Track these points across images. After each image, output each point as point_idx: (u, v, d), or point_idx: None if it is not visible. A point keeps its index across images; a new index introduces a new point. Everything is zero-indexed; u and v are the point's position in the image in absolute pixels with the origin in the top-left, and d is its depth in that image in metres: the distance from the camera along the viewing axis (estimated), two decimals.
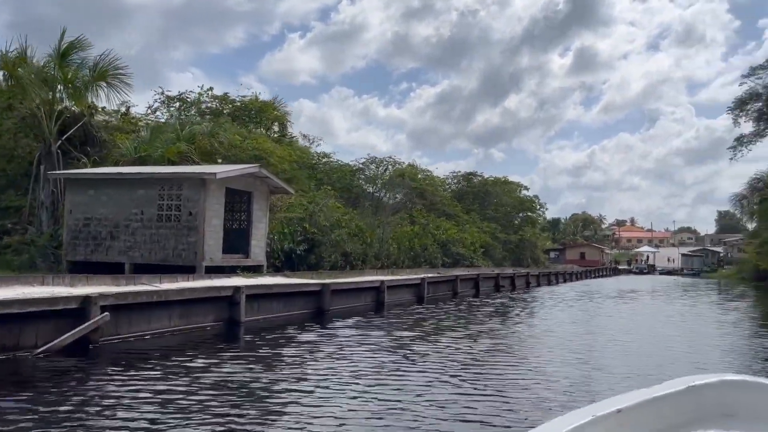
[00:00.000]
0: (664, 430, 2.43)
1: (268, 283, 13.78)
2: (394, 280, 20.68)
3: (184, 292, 10.55)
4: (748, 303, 29.57)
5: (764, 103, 37.96)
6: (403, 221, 40.66)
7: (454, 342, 11.97)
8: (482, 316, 18.19)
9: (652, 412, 2.44)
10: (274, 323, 13.07)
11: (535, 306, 23.67)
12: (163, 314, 10.13)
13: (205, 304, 11.11)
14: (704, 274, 79.42)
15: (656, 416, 2.44)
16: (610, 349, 12.18)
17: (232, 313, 11.67)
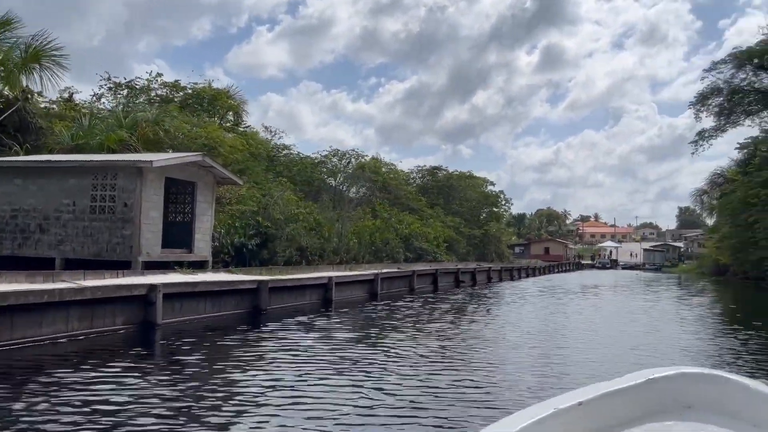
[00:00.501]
0: (625, 421, 2.46)
1: (194, 281, 12.50)
2: (343, 276, 19.51)
3: (85, 292, 9.22)
4: (709, 298, 29.37)
5: (725, 98, 38.02)
6: (365, 215, 39.61)
7: (398, 343, 10.90)
8: (437, 313, 17.14)
9: (613, 404, 2.47)
10: (199, 325, 11.78)
11: (495, 302, 22.72)
12: (59, 317, 8.84)
13: (114, 305, 9.83)
14: (665, 268, 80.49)
15: (617, 408, 2.47)
16: (568, 351, 11.34)
17: (147, 315, 10.38)
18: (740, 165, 45.77)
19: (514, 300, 23.91)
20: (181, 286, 11.48)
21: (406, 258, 38.61)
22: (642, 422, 2.49)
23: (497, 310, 19.76)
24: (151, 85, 31.09)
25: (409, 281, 24.56)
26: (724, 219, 43.07)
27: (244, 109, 34.40)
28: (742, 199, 37.22)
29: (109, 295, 9.71)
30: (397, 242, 37.44)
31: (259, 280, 13.89)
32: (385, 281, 21.75)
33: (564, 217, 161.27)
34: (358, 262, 31.04)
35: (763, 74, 36.91)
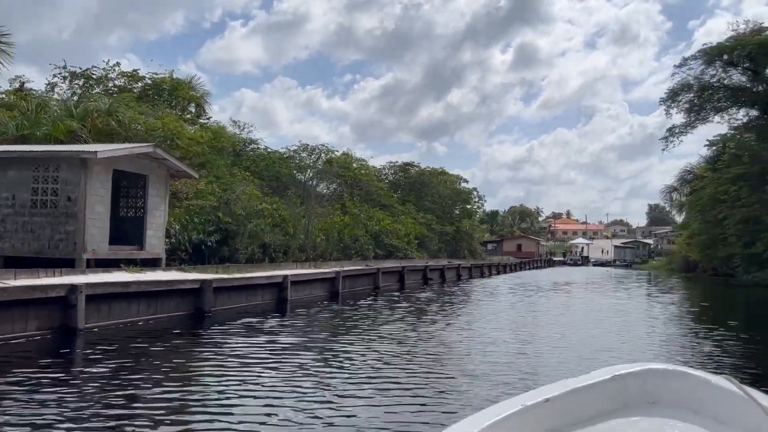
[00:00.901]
0: (591, 417, 2.48)
1: (128, 280, 11.42)
2: (301, 274, 18.48)
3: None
4: (680, 296, 29.12)
5: (695, 95, 37.94)
6: (335, 211, 38.68)
7: (348, 348, 10.01)
8: (398, 313, 16.23)
9: (580, 400, 2.49)
10: (130, 330, 10.69)
11: (462, 300, 21.84)
12: None
13: (28, 309, 8.78)
14: (636, 265, 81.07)
15: (583, 404, 2.49)
16: (535, 352, 10.64)
17: (67, 319, 9.32)
18: (709, 162, 45.97)
19: (482, 298, 23.16)
20: (109, 286, 10.41)
21: (376, 255, 37.78)
22: (608, 418, 2.51)
23: (463, 309, 18.89)
24: (108, 75, 29.71)
25: (373, 279, 23.63)
26: (694, 216, 43.15)
27: (206, 101, 33.18)
28: (711, 195, 37.21)
29: (21, 296, 8.65)
30: (366, 239, 36.60)
31: (202, 280, 12.83)
32: (347, 279, 20.79)
33: (536, 215, 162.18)
34: (325, 260, 30.12)
35: (732, 71, 36.96)
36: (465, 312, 17.69)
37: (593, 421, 2.47)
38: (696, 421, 2.45)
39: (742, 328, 16.49)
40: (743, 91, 37.32)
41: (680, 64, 38.19)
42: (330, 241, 32.27)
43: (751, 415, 2.21)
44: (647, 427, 2.47)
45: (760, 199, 31.58)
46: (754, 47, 32.37)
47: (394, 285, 25.45)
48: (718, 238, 36.87)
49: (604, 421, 2.49)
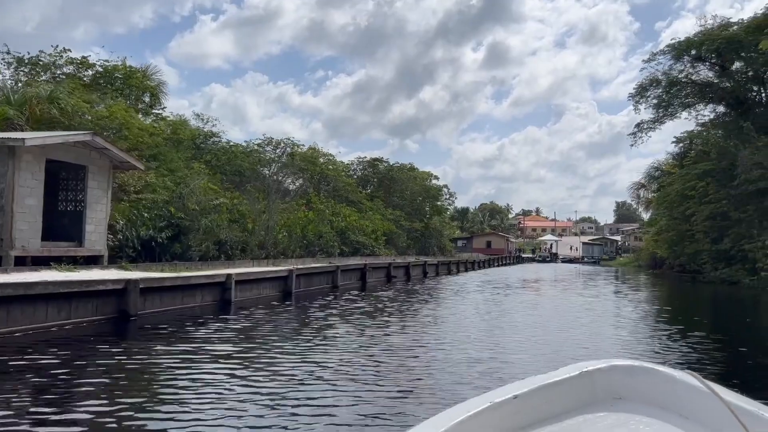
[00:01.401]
0: (559, 413, 2.52)
1: (38, 281, 10.09)
2: (248, 273, 17.18)
3: None
4: (649, 293, 28.67)
5: (663, 90, 37.71)
6: (300, 207, 37.49)
7: (280, 358, 8.83)
8: (352, 314, 15.02)
9: (548, 396, 2.52)
10: (36, 337, 9.31)
11: (424, 300, 20.65)
12: None
13: None
14: (603, 262, 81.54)
15: (551, 401, 2.52)
16: (497, 358, 9.74)
17: None
18: (677, 158, 45.98)
19: (447, 296, 22.15)
20: (6, 288, 9.09)
21: (342, 252, 36.73)
22: (576, 414, 2.54)
23: (424, 309, 17.61)
24: (56, 62, 27.99)
25: (332, 277, 22.43)
26: (662, 212, 43.02)
27: (162, 91, 31.65)
28: (679, 191, 37.00)
29: None
30: (331, 235, 35.50)
31: (127, 279, 11.55)
32: (301, 278, 19.59)
33: (506, 212, 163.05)
34: (287, 257, 28.98)
35: (700, 66, 36.82)
36: (425, 313, 16.44)
37: (561, 417, 2.51)
38: (661, 416, 2.49)
39: (709, 325, 15.99)
40: (710, 87, 37.24)
41: (649, 59, 37.99)
42: (293, 238, 31.12)
43: (714, 409, 2.23)
44: (613, 422, 2.50)
45: (727, 195, 31.39)
46: (723, 42, 32.16)
47: (355, 283, 24.29)
48: (686, 235, 36.71)
49: (571, 417, 2.52)
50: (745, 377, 8.56)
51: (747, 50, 32.55)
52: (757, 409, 2.22)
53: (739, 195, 30.46)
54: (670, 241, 40.73)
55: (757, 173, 28.61)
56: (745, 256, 29.39)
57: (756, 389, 6.97)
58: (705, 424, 2.36)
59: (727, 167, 31.96)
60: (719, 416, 2.19)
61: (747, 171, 29.13)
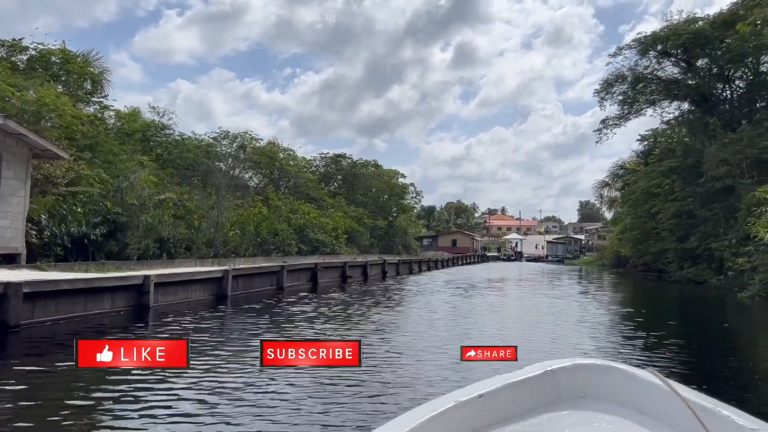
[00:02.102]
0: (524, 412, 2.54)
1: None
2: (171, 274, 15.29)
3: None
4: (615, 294, 27.85)
5: (629, 86, 37.12)
6: (256, 203, 35.78)
7: (192, 377, 7.37)
8: (291, 322, 13.40)
9: (512, 395, 2.54)
10: None
11: (377, 303, 18.73)
12: None
13: None
14: (567, 260, 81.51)
15: (516, 399, 2.55)
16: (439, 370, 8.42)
17: None
18: (641, 156, 45.64)
19: (405, 298, 20.65)
20: None
21: (300, 251, 35.15)
22: (540, 412, 2.57)
23: (375, 314, 15.48)
24: None
25: (277, 278, 20.55)
26: (627, 210, 42.51)
27: (106, 78, 29.60)
28: (644, 189, 36.43)
29: None
30: (288, 233, 33.90)
31: (7, 283, 9.76)
32: (240, 279, 17.78)
33: (472, 211, 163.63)
34: (238, 256, 27.31)
35: (666, 62, 36.31)
36: (375, 318, 14.59)
37: (526, 415, 2.52)
38: (622, 413, 2.51)
39: (678, 328, 15.05)
40: (675, 84, 36.78)
41: (614, 54, 37.29)
42: (246, 236, 29.45)
43: (673, 406, 2.27)
44: (577, 420, 2.51)
45: (693, 193, 30.85)
46: (689, 37, 31.61)
47: (304, 285, 22.54)
48: (651, 233, 36.15)
49: (536, 415, 2.54)
50: (711, 378, 8.20)
51: (713, 46, 32.11)
52: (714, 406, 2.26)
53: (705, 193, 29.93)
54: (635, 240, 40.20)
55: (723, 170, 28.06)
56: (711, 255, 28.82)
57: (724, 391, 6.08)
58: (665, 421, 2.39)
59: (692, 164, 31.44)
60: (678, 413, 2.24)
61: (713, 168, 28.57)
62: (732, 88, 35.00)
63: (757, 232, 19.71)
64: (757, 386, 8.30)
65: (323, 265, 24.80)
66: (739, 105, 33.95)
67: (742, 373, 9.30)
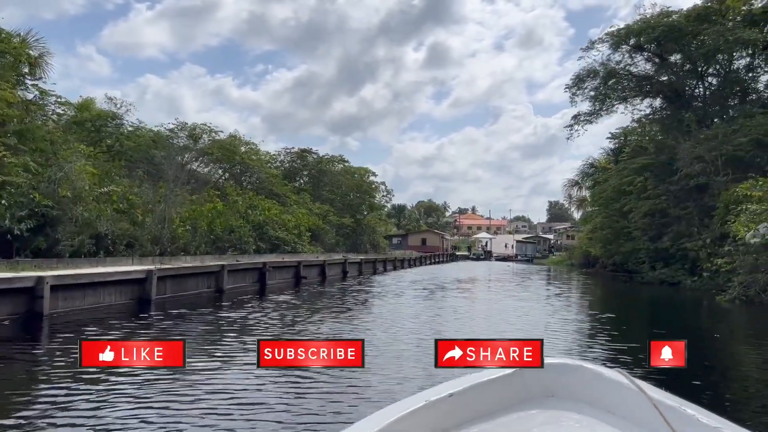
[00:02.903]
0: (493, 411, 2.56)
1: None
2: (73, 275, 13.19)
3: None
4: (587, 297, 26.68)
5: (601, 81, 36.11)
6: (212, 198, 33.83)
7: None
8: (217, 333, 11.51)
9: (482, 394, 2.55)
10: None
11: (330, 308, 16.81)
12: None
13: None
14: (536, 260, 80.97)
15: (486, 399, 2.56)
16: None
17: None
18: (612, 154, 44.91)
19: (362, 302, 18.86)
20: None
21: (259, 249, 33.33)
22: (509, 411, 2.58)
23: (326, 322, 13.70)
24: None
25: (216, 280, 18.35)
26: (598, 209, 41.58)
27: (46, 61, 27.33)
28: (616, 187, 35.46)
29: None
30: (246, 230, 32.04)
31: None
32: (168, 281, 15.67)
33: (443, 210, 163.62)
34: (188, 254, 25.42)
35: (638, 57, 35.42)
36: (325, 328, 12.85)
37: (495, 414, 2.54)
38: (590, 413, 2.55)
39: (656, 333, 13.76)
40: (648, 80, 35.92)
41: (587, 48, 36.18)
42: (198, 233, 27.54)
43: (640, 405, 2.32)
44: (545, 419, 2.55)
45: (666, 191, 29.89)
46: (663, 30, 30.65)
47: (250, 287, 20.56)
48: (622, 233, 35.19)
49: (505, 414, 2.55)
50: (699, 390, 7.42)
51: (687, 41, 31.24)
52: (679, 404, 2.29)
53: (678, 191, 28.98)
54: (605, 240, 39.30)
55: (698, 167, 27.10)
56: (685, 255, 27.84)
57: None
58: (632, 420, 2.40)
59: (665, 162, 30.51)
60: (645, 412, 2.27)
61: (687, 165, 27.60)
62: (705, 85, 34.25)
63: (737, 232, 18.65)
64: (749, 400, 7.44)
65: (273, 264, 22.76)
66: (712, 102, 33.20)
67: (732, 382, 8.38)
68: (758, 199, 18.68)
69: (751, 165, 25.36)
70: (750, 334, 14.69)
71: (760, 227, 17.15)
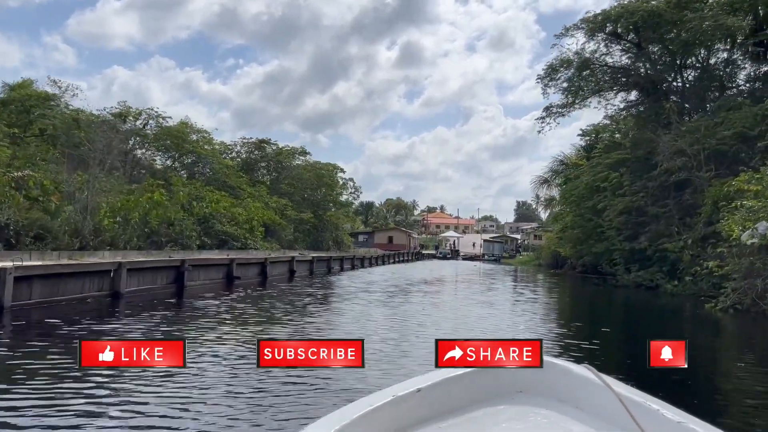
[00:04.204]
0: (462, 406, 2.54)
1: None
2: None
3: None
4: (560, 302, 24.49)
5: (575, 71, 34.02)
6: (151, 187, 30.70)
7: None
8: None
9: (451, 390, 2.53)
10: None
11: (259, 318, 13.88)
12: None
13: None
14: (504, 260, 79.26)
15: (454, 394, 2.54)
16: None
17: None
18: (585, 151, 43.03)
19: (300, 309, 15.82)
20: None
21: (204, 245, 30.41)
22: (478, 407, 2.57)
23: (228, 342, 10.61)
24: None
25: (111, 282, 14.65)
26: (569, 208, 39.52)
27: None
28: (588, 184, 33.41)
29: None
30: (189, 224, 29.08)
31: None
32: (34, 283, 12.19)
33: (412, 208, 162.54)
34: (117, 248, 22.44)
35: (614, 46, 33.43)
36: (242, 351, 10.10)
37: (464, 410, 2.52)
38: (558, 408, 2.56)
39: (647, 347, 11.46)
40: (624, 72, 33.99)
41: (561, 34, 34.01)
42: (129, 225, 24.53)
43: (606, 401, 2.34)
44: (513, 414, 2.55)
45: (644, 188, 27.86)
46: (643, 15, 28.59)
47: (161, 289, 16.89)
48: (594, 232, 33.17)
49: (474, 409, 2.54)
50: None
51: (667, 29, 29.25)
52: (645, 400, 2.32)
53: (657, 187, 26.96)
54: (575, 240, 37.32)
55: (679, 161, 25.12)
56: (663, 256, 25.81)
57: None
58: (598, 415, 2.43)
59: (643, 157, 28.50)
60: (612, 407, 2.31)
61: (668, 159, 25.60)
62: (683, 78, 32.39)
63: (730, 231, 16.56)
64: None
65: (195, 262, 19.04)
66: (690, 95, 31.35)
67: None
68: (755, 194, 16.61)
69: (735, 160, 23.53)
70: (752, 350, 12.49)
71: (759, 226, 15.06)
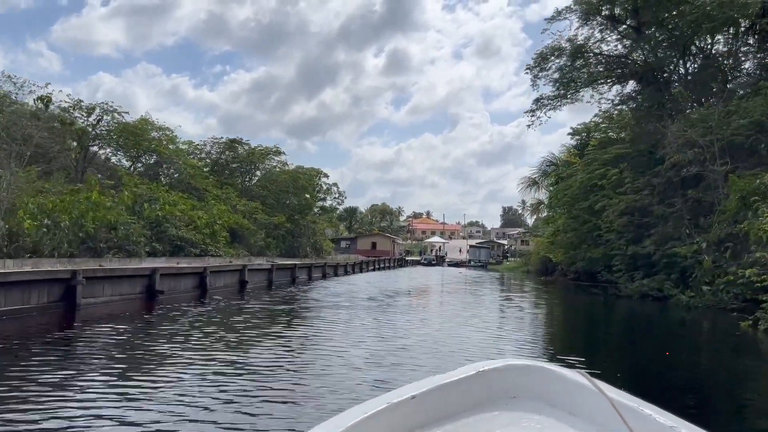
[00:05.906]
0: (456, 412, 2.53)
1: None
2: None
3: None
4: (566, 319, 21.42)
5: (567, 60, 31.14)
6: (92, 186, 27.19)
7: None
8: None
9: (445, 396, 2.53)
10: None
11: (136, 356, 10.18)
12: None
13: None
14: (491, 266, 76.30)
15: (449, 400, 2.54)
16: None
17: None
18: (576, 149, 40.19)
19: (198, 343, 11.62)
20: None
21: (155, 251, 27.02)
22: (472, 413, 2.56)
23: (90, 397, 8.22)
24: None
25: (24, 294, 11.45)
26: (561, 209, 36.49)
27: None
28: (583, 182, 30.38)
29: None
30: (136, 228, 25.70)
31: None
32: None
33: (397, 214, 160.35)
34: (41, 255, 19.11)
35: (611, 32, 30.56)
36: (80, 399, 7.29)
37: (458, 416, 2.52)
38: (551, 414, 2.55)
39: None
40: (620, 61, 31.19)
41: (552, 18, 31.06)
42: (60, 229, 21.15)
43: (599, 406, 2.34)
44: (507, 420, 2.55)
45: (648, 184, 24.87)
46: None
47: (46, 308, 13.05)
48: (589, 236, 30.16)
49: (468, 416, 2.54)
50: None
51: (669, 8, 26.45)
52: (638, 405, 2.30)
53: (664, 184, 23.96)
54: (568, 244, 34.36)
55: (690, 154, 22.16)
56: (671, 262, 22.78)
57: None
58: (591, 420, 2.43)
59: (646, 150, 25.58)
60: (605, 412, 2.29)
61: (676, 152, 22.65)
62: (685, 66, 29.59)
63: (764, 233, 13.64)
64: None
65: (91, 274, 14.71)
66: (693, 85, 28.54)
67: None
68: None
69: (754, 151, 20.70)
70: None
71: None
